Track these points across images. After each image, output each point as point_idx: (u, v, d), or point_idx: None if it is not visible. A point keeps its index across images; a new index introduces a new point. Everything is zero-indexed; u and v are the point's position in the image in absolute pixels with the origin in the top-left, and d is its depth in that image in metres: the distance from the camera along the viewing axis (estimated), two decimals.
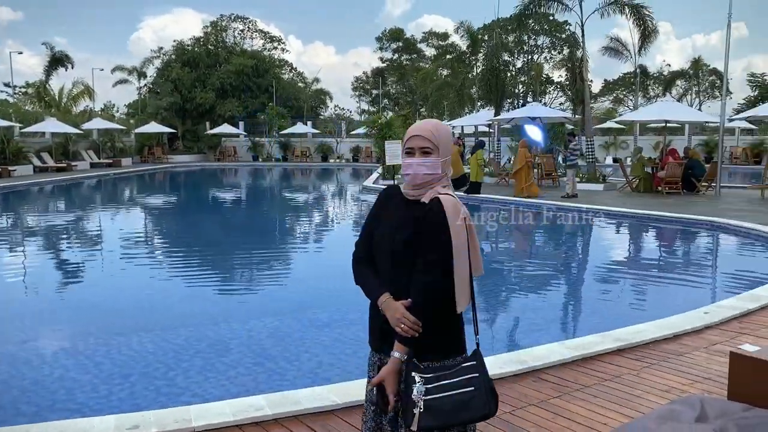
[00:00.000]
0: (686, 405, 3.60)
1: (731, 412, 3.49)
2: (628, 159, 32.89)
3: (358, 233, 2.51)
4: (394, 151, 21.95)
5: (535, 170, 22.12)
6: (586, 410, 4.03)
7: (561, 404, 4.13)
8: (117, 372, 5.38)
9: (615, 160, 35.41)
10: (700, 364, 4.79)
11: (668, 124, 24.23)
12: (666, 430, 3.22)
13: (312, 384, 4.92)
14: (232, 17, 57.25)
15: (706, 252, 12.03)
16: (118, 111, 60.76)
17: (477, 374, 2.19)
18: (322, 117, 58.73)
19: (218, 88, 49.58)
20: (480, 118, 28.07)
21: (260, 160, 44.91)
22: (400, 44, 63.13)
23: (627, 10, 20.46)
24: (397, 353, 2.21)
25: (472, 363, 2.22)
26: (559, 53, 53.31)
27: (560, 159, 23.90)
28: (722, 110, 18.36)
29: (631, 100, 60.72)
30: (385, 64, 64.08)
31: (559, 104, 51.14)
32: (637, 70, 40.31)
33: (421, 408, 2.12)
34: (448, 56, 56.96)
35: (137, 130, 42.90)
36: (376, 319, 2.36)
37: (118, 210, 19.94)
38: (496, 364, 4.64)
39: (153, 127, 42.07)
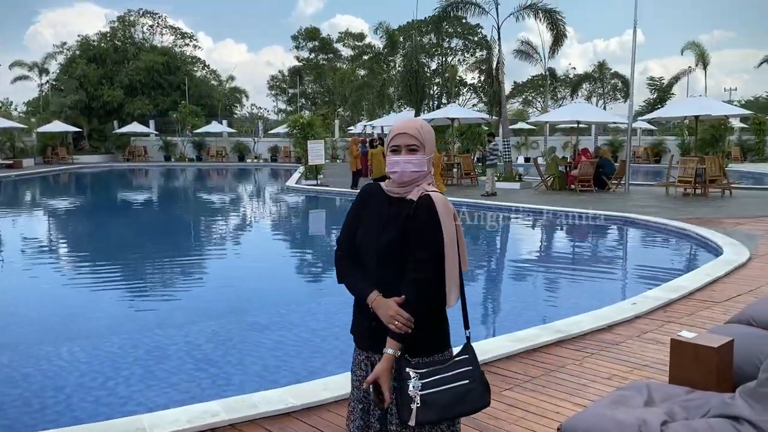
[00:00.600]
0: (634, 390, 3.79)
1: (675, 396, 3.70)
2: (540, 158, 34.26)
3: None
4: (317, 151, 21.90)
5: (454, 170, 22.66)
6: (538, 401, 4.17)
7: (513, 396, 4.25)
8: (49, 384, 5.09)
9: (527, 160, 36.69)
10: (636, 352, 5.06)
11: (570, 125, 25.51)
12: (620, 415, 3.38)
13: (260, 388, 4.84)
14: (141, 12, 55.18)
15: (624, 246, 12.66)
16: (16, 109, 57.25)
17: (471, 367, 2.23)
18: (236, 116, 57.61)
19: (127, 85, 47.64)
20: (400, 118, 28.39)
21: (173, 160, 43.49)
22: (317, 44, 62.84)
23: (541, 15, 21.27)
24: (391, 350, 2.21)
25: (465, 356, 2.26)
26: (471, 56, 54.81)
27: (476, 158, 24.58)
28: (630, 112, 19.41)
29: (539, 101, 63.16)
30: (301, 64, 63.61)
31: (473, 105, 52.47)
32: (547, 73, 42.07)
33: (418, 403, 2.13)
34: (364, 57, 57.32)
35: (39, 129, 40.44)
36: (363, 317, 2.35)
37: (23, 214, 18.79)
38: None
39: (57, 126, 39.81)
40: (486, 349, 5.03)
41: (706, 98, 19.90)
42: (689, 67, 45.51)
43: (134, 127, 43.52)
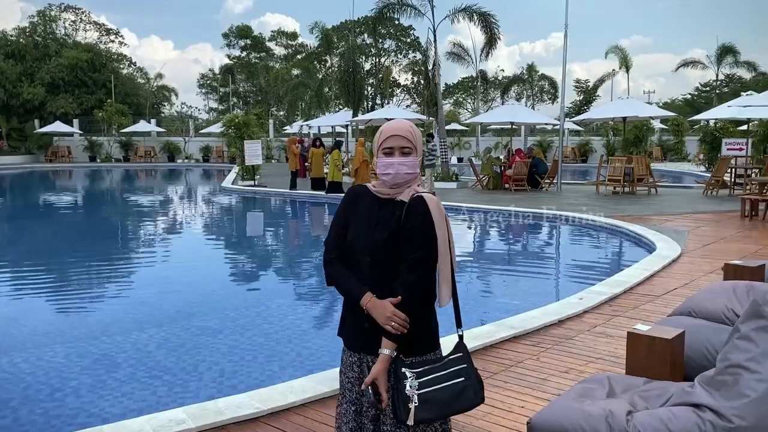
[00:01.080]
0: (596, 383, 3.94)
1: (634, 386, 3.86)
2: (473, 159, 34.95)
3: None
4: (254, 150, 21.58)
5: None
6: (502, 396, 4.27)
7: None
8: None
9: (459, 160, 37.31)
10: (589, 346, 5.25)
11: (503, 126, 26.15)
12: (587, 407, 3.51)
13: (218, 393, 4.77)
14: (62, 6, 52.90)
15: (564, 243, 13.03)
16: None
17: (465, 365, 2.28)
18: (164, 114, 56.05)
19: (49, 83, 45.61)
20: (338, 118, 28.34)
21: (98, 160, 41.91)
22: (249, 42, 61.85)
23: (475, 18, 21.69)
24: (387, 350, 2.23)
25: (459, 355, 2.31)
26: (404, 57, 55.31)
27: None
28: (561, 113, 20.06)
29: (470, 103, 64.34)
30: (233, 62, 62.45)
31: (406, 107, 52.99)
32: (478, 75, 42.90)
33: (416, 402, 2.16)
34: (298, 56, 56.88)
35: None
36: (356, 319, 2.35)
37: None
38: None
39: None
40: (443, 347, 5.09)
41: (635, 101, 20.80)
42: (613, 70, 47.44)
43: (57, 126, 41.69)
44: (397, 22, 47.43)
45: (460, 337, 2.41)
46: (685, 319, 5.15)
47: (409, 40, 54.39)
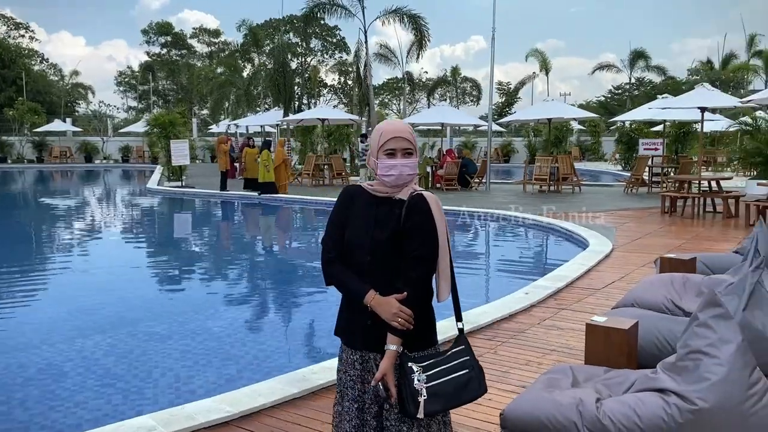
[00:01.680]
0: (560, 373, 4.11)
1: (596, 375, 4.06)
2: None
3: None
4: (181, 150, 21.02)
5: (325, 170, 22.78)
6: None
7: None
8: None
9: None
10: (541, 338, 5.46)
11: (431, 127, 26.59)
12: (557, 396, 3.66)
13: (178, 399, 4.68)
14: None
15: (499, 240, 13.39)
16: None
17: (468, 357, 2.36)
18: (79, 113, 53.68)
19: None
20: (267, 118, 27.94)
21: (9, 161, 39.65)
22: (169, 39, 60.03)
23: (406, 20, 21.94)
24: (393, 346, 2.27)
25: (461, 347, 2.38)
26: (330, 57, 55.25)
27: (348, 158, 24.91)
28: (489, 114, 20.61)
29: (395, 104, 64.95)
30: (152, 59, 60.45)
31: (333, 107, 52.85)
32: (405, 77, 43.34)
33: (425, 396, 2.21)
34: (222, 54, 55.75)
35: None
36: (357, 317, 2.37)
37: None
38: None
39: None
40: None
41: (559, 103, 21.58)
42: (534, 72, 49.04)
43: None
44: (323, 22, 47.27)
45: (461, 330, 2.48)
46: (630, 311, 5.43)
47: (335, 40, 54.37)
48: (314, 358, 5.76)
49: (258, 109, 35.08)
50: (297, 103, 39.09)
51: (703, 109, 13.97)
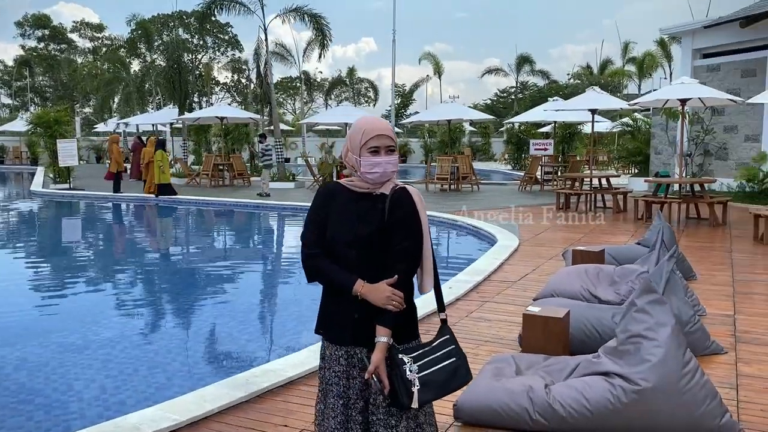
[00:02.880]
0: (503, 362, 4.28)
1: (536, 363, 4.27)
2: (298, 159, 35.23)
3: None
4: (69, 150, 19.84)
5: (224, 170, 22.21)
6: None
7: None
8: None
9: (286, 160, 37.26)
10: (473, 330, 5.64)
11: (330, 127, 26.69)
12: (507, 384, 3.82)
13: (107, 412, 4.47)
14: None
15: None
16: None
17: (454, 346, 2.44)
18: None
19: None
20: (160, 116, 26.78)
21: None
22: (47, 32, 56.10)
23: (306, 19, 21.80)
24: (384, 338, 2.30)
25: (446, 337, 2.47)
26: (222, 54, 53.88)
27: (247, 158, 24.42)
28: (392, 115, 20.91)
29: (290, 104, 64.36)
30: (28, 54, 56.24)
31: (227, 105, 51.55)
32: (302, 76, 43.06)
33: (417, 386, 2.26)
34: (105, 50, 52.89)
35: None
36: (345, 310, 2.38)
37: None
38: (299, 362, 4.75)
39: None
40: None
41: (459, 105, 22.25)
42: (427, 75, 50.20)
43: None
44: (213, 19, 46.04)
45: (443, 320, 2.55)
46: (553, 300, 5.73)
47: (227, 37, 53.06)
48: (246, 361, 5.65)
49: (149, 107, 33.60)
50: (189, 101, 37.83)
51: (593, 111, 14.92)
